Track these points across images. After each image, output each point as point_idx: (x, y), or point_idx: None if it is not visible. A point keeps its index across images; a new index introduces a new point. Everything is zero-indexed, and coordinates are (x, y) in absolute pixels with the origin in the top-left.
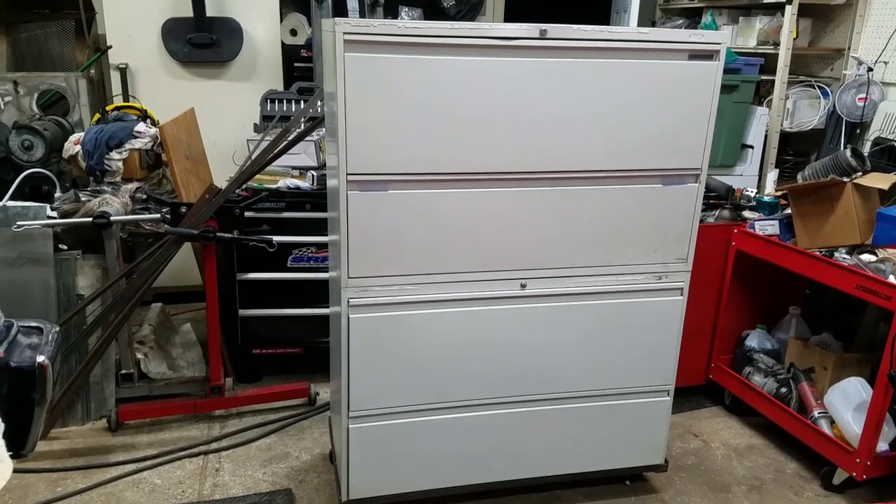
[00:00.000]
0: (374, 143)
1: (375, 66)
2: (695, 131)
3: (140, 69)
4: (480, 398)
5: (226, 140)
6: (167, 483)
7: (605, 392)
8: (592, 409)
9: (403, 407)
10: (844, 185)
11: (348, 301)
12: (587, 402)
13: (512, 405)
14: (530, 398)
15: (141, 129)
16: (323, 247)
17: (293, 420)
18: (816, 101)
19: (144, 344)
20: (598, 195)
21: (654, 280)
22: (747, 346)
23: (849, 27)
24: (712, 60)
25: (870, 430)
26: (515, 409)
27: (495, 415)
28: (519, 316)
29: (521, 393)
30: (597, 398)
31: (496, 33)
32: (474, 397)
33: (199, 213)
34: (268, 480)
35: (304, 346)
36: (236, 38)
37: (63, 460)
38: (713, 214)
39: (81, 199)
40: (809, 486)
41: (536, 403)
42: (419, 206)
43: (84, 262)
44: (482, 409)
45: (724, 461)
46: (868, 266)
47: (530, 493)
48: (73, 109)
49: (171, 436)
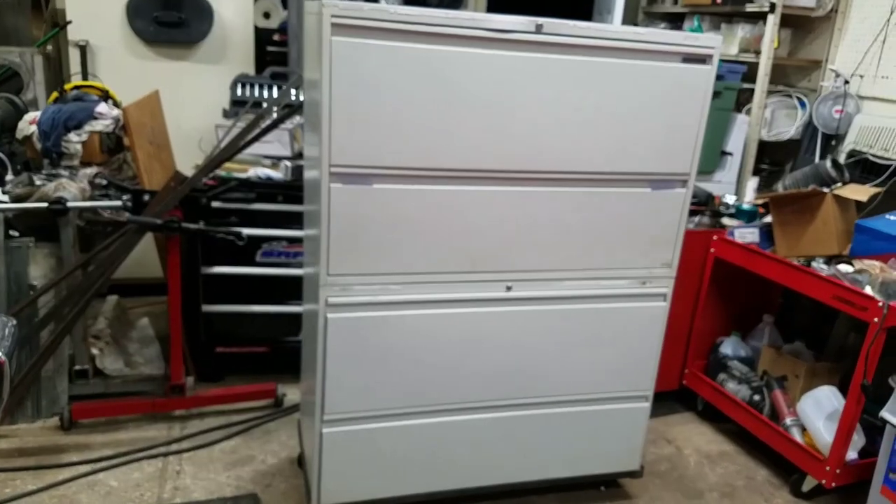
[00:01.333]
0: (360, 135)
1: (364, 52)
2: (685, 136)
3: (101, 47)
4: (460, 402)
5: (191, 125)
6: (124, 485)
7: (585, 397)
8: (571, 414)
9: (379, 411)
10: (824, 196)
11: (327, 300)
12: (566, 408)
13: (490, 410)
14: (510, 403)
15: (102, 110)
16: (295, 241)
17: (259, 422)
18: (794, 112)
19: (100, 339)
20: (586, 197)
21: (638, 285)
22: (721, 353)
23: (827, 40)
24: (706, 65)
25: (841, 439)
26: (494, 413)
27: (473, 419)
28: (503, 319)
29: (500, 397)
30: (576, 403)
31: (492, 25)
32: (453, 401)
33: (164, 201)
34: (232, 485)
35: (271, 344)
36: (206, 18)
37: (11, 460)
38: (693, 221)
39: (36, 182)
40: (779, 492)
41: (515, 408)
42: (405, 202)
43: (37, 250)
44: (460, 414)
45: (697, 467)
46: (845, 277)
47: (504, 499)
48: (26, 87)
49: (129, 436)
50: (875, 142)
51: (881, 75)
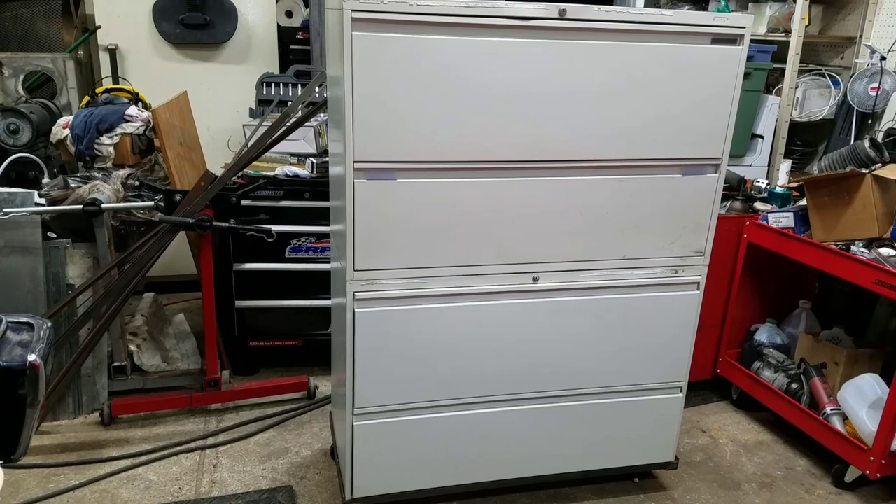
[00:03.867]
0: (383, 129)
1: (385, 46)
2: (716, 119)
3: (130, 50)
4: (490, 395)
5: (219, 125)
6: (163, 479)
7: (617, 388)
8: (603, 405)
9: (411, 404)
10: (863, 177)
11: (354, 295)
12: (598, 399)
13: (521, 402)
14: (540, 395)
15: (132, 112)
16: (323, 237)
17: (292, 414)
18: (826, 91)
19: (137, 335)
20: (615, 185)
21: (670, 274)
22: (756, 341)
23: (861, 14)
24: (736, 45)
25: (885, 428)
26: (525, 406)
27: (504, 412)
28: (531, 310)
29: (531, 390)
30: (608, 395)
31: (513, 12)
32: (484, 394)
33: (195, 200)
34: (267, 477)
35: (302, 338)
36: (230, 18)
37: (55, 455)
38: (724, 206)
39: (71, 185)
40: (820, 483)
41: (546, 400)
42: (429, 195)
43: (74, 250)
44: (491, 406)
45: (733, 458)
46: (888, 260)
47: (537, 491)
48: (60, 92)
49: (166, 430)
50: None
51: None
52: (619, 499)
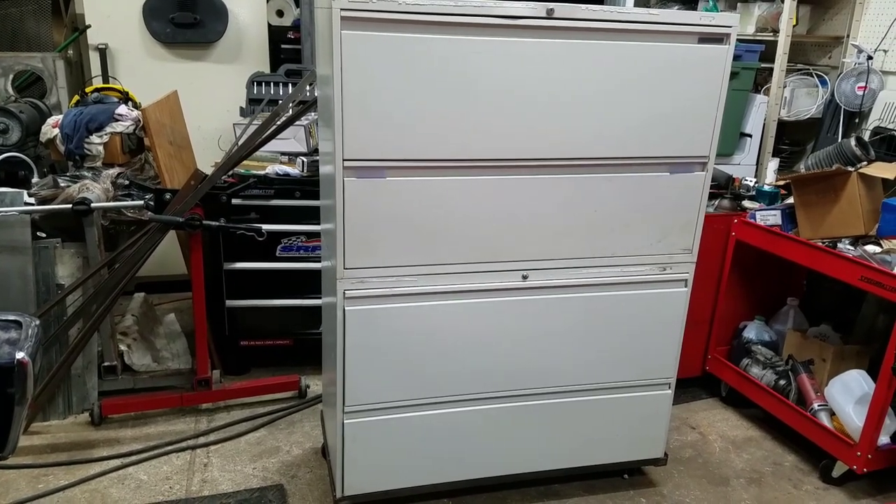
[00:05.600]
0: (372, 128)
1: (374, 45)
2: (703, 118)
3: (120, 50)
4: (480, 392)
5: (210, 124)
6: (154, 479)
7: (606, 385)
8: (593, 402)
9: (400, 402)
10: (849, 175)
11: (344, 293)
12: (587, 396)
13: (511, 399)
14: (530, 392)
15: (122, 111)
16: (314, 236)
17: (283, 413)
18: (814, 90)
19: (127, 335)
20: (603, 183)
21: (658, 271)
22: (745, 338)
23: (848, 15)
24: (722, 44)
25: (872, 423)
26: (515, 403)
27: (494, 409)
28: (520, 308)
29: (521, 387)
30: (597, 392)
31: (501, 11)
32: (474, 391)
33: (185, 200)
34: (258, 476)
35: (293, 337)
36: (221, 18)
37: (44, 456)
38: (713, 204)
39: (60, 184)
40: (808, 478)
41: (536, 397)
42: (418, 193)
43: (64, 250)
44: (481, 404)
45: (722, 454)
46: (873, 257)
47: (528, 488)
48: (50, 91)
49: (157, 430)
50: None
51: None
52: (609, 495)
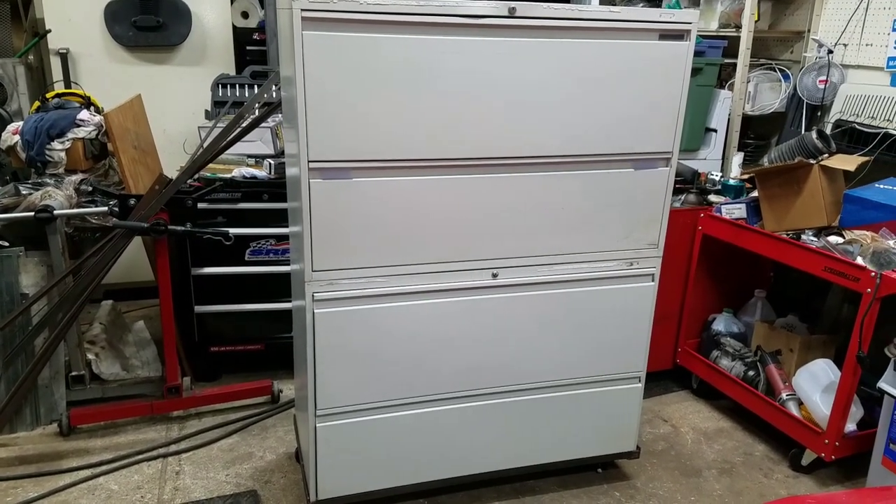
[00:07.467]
0: (336, 129)
1: (335, 45)
2: (666, 114)
3: (82, 54)
4: (453, 391)
5: (175, 128)
6: (125, 489)
7: (577, 381)
8: (564, 398)
9: (373, 403)
10: (811, 167)
11: (313, 296)
12: (559, 392)
13: (482, 397)
14: (503, 390)
15: (84, 117)
16: (283, 239)
17: (256, 419)
18: (777, 85)
19: (95, 344)
20: (569, 181)
21: (625, 266)
22: (714, 330)
23: (809, 10)
24: (683, 41)
25: (838, 411)
26: (485, 401)
27: (468, 408)
28: (491, 306)
29: (492, 385)
30: (569, 387)
31: (464, 11)
32: (445, 391)
33: (149, 204)
34: (231, 482)
35: (265, 342)
36: (185, 20)
37: (12, 468)
38: (679, 199)
39: (22, 192)
40: (778, 467)
41: (507, 395)
42: (386, 194)
43: (27, 259)
44: (454, 403)
45: (694, 445)
46: (836, 248)
47: (504, 485)
48: (10, 98)
49: (127, 439)
50: (861, 110)
51: (865, 43)
52: (584, 489)
